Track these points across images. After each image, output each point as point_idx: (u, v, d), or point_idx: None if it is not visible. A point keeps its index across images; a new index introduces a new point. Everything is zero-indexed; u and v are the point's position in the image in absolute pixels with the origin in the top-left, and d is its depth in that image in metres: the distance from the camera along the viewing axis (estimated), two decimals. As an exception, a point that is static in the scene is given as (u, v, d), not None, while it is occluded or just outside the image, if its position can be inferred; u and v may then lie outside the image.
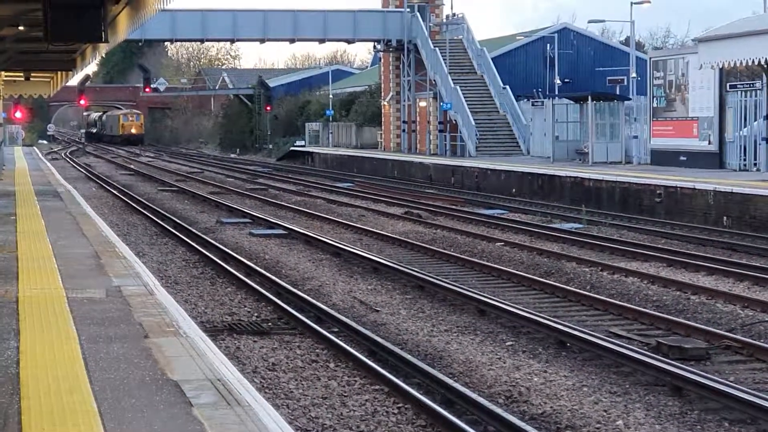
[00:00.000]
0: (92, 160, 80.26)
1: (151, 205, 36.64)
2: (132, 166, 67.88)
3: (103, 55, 68.97)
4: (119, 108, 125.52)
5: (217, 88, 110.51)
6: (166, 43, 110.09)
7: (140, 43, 73.08)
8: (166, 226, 29.57)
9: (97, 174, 57.40)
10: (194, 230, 28.35)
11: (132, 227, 30.21)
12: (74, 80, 60.90)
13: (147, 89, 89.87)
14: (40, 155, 72.50)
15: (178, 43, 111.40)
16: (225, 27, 60.18)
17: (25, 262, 15.89)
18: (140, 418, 7.55)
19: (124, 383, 8.56)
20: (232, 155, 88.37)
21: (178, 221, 30.68)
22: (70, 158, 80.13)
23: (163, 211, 33.87)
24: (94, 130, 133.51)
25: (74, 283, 13.84)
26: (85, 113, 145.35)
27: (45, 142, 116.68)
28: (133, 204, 37.28)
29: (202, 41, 67.77)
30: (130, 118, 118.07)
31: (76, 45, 25.54)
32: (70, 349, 9.84)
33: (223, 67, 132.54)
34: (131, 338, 10.36)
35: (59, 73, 39.02)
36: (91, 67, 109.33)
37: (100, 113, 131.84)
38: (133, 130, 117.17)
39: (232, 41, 65.83)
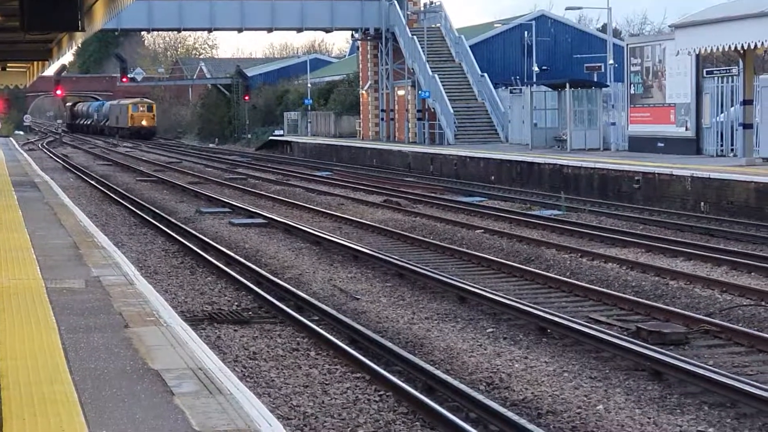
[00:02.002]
0: (69, 150, 79.94)
1: (129, 195, 36.53)
2: (110, 157, 67.66)
3: (80, 45, 68.70)
4: (94, 98, 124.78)
5: (194, 77, 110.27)
6: (142, 33, 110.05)
7: (116, 33, 73.02)
8: (145, 216, 29.49)
9: (75, 164, 57.18)
10: (173, 220, 28.28)
11: (110, 218, 30.12)
12: (50, 70, 60.67)
13: (124, 79, 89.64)
14: (16, 146, 72.22)
15: (155, 33, 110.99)
16: (202, 16, 59.99)
17: (2, 252, 15.81)
18: (121, 408, 7.53)
19: (104, 373, 8.54)
20: (211, 145, 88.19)
21: (157, 211, 30.61)
22: (47, 149, 79.80)
23: (141, 202, 33.78)
24: (89, 122, 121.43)
25: (53, 273, 13.79)
26: (68, 103, 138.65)
27: (21, 132, 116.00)
28: (112, 194, 37.16)
29: (179, 31, 67.64)
30: (141, 108, 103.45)
31: (53, 34, 25.45)
32: (50, 340, 9.81)
33: (201, 56, 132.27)
34: (111, 328, 10.33)
35: (35, 63, 38.85)
36: (67, 57, 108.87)
37: (99, 103, 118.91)
38: (145, 122, 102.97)
39: (210, 31, 65.64)
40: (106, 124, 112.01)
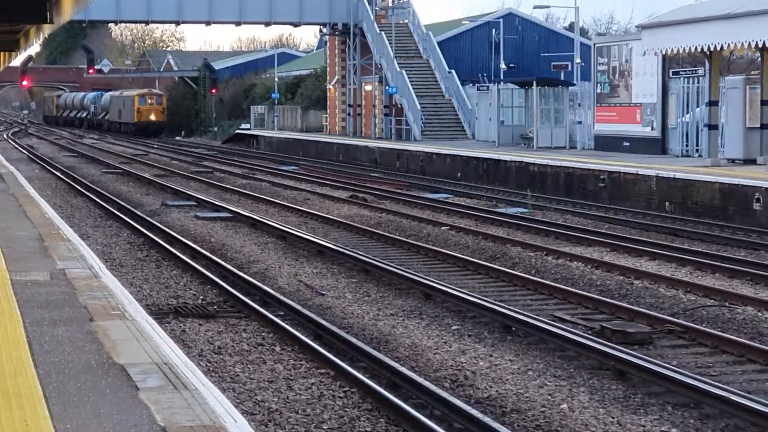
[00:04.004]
0: (35, 141, 79.50)
1: (95, 187, 36.36)
2: (75, 148, 67.31)
3: (47, 36, 68.30)
4: (60, 88, 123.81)
5: (161, 70, 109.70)
6: (110, 25, 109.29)
7: (84, 24, 72.53)
8: (110, 208, 29.36)
9: (40, 156, 56.88)
10: (139, 213, 28.17)
11: (76, 209, 29.98)
12: (17, 61, 60.30)
13: (91, 70, 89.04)
14: (-19, 136, 71.77)
15: (123, 25, 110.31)
16: (170, 9, 59.77)
17: (-33, 244, 15.72)
18: (86, 402, 7.51)
19: (69, 367, 8.51)
20: (178, 138, 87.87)
21: (122, 204, 30.48)
22: (12, 139, 79.35)
23: (107, 194, 33.63)
24: (82, 115, 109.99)
25: (18, 265, 13.72)
26: (53, 94, 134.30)
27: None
28: (77, 186, 36.98)
29: (146, 23, 67.33)
30: (149, 101, 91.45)
31: (20, 26, 25.28)
32: (15, 332, 9.77)
33: (168, 49, 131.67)
34: (76, 321, 10.30)
35: (2, 54, 38.60)
36: (34, 48, 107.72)
37: (97, 93, 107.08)
38: (153, 117, 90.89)
39: (178, 23, 65.44)
40: (106, 117, 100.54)
